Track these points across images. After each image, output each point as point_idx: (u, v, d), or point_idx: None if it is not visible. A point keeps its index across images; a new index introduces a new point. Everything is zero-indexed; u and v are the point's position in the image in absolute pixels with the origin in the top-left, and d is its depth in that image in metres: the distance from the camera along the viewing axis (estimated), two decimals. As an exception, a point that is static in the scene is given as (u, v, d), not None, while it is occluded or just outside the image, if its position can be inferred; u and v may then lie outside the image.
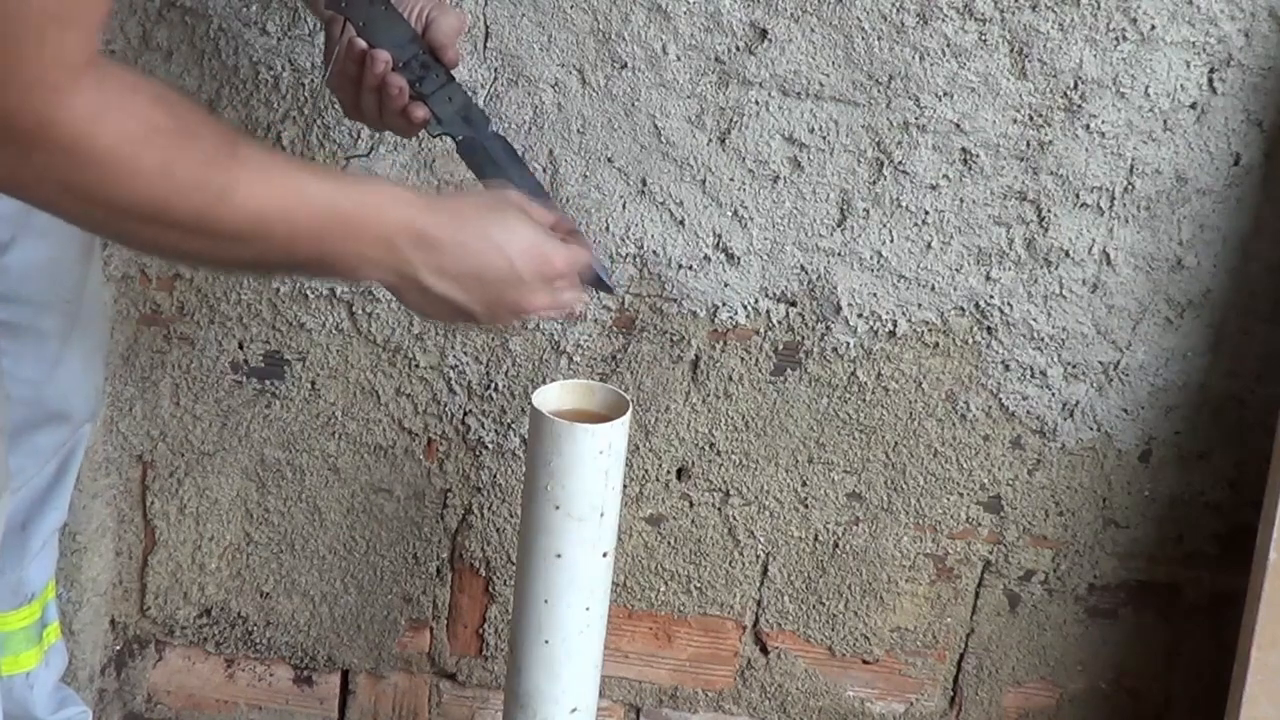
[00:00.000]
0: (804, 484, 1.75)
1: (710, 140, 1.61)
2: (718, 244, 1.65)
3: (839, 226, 1.64)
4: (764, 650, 1.84)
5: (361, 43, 1.33)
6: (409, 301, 1.17)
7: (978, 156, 1.60)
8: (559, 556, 1.47)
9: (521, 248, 1.19)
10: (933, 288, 1.66)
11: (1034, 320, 1.66)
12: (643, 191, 1.63)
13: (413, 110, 1.34)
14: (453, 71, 1.36)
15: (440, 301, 1.16)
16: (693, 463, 1.75)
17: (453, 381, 1.73)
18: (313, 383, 1.74)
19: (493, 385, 1.72)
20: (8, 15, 0.87)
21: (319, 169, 1.20)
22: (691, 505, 1.77)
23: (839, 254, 1.65)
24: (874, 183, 1.61)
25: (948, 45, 1.55)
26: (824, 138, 1.60)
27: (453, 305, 1.17)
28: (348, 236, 1.08)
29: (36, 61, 0.88)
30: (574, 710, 1.55)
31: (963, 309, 1.67)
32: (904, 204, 1.62)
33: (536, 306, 1.22)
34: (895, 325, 1.67)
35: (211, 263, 1.22)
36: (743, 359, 1.70)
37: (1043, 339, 1.67)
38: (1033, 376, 1.69)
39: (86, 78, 0.91)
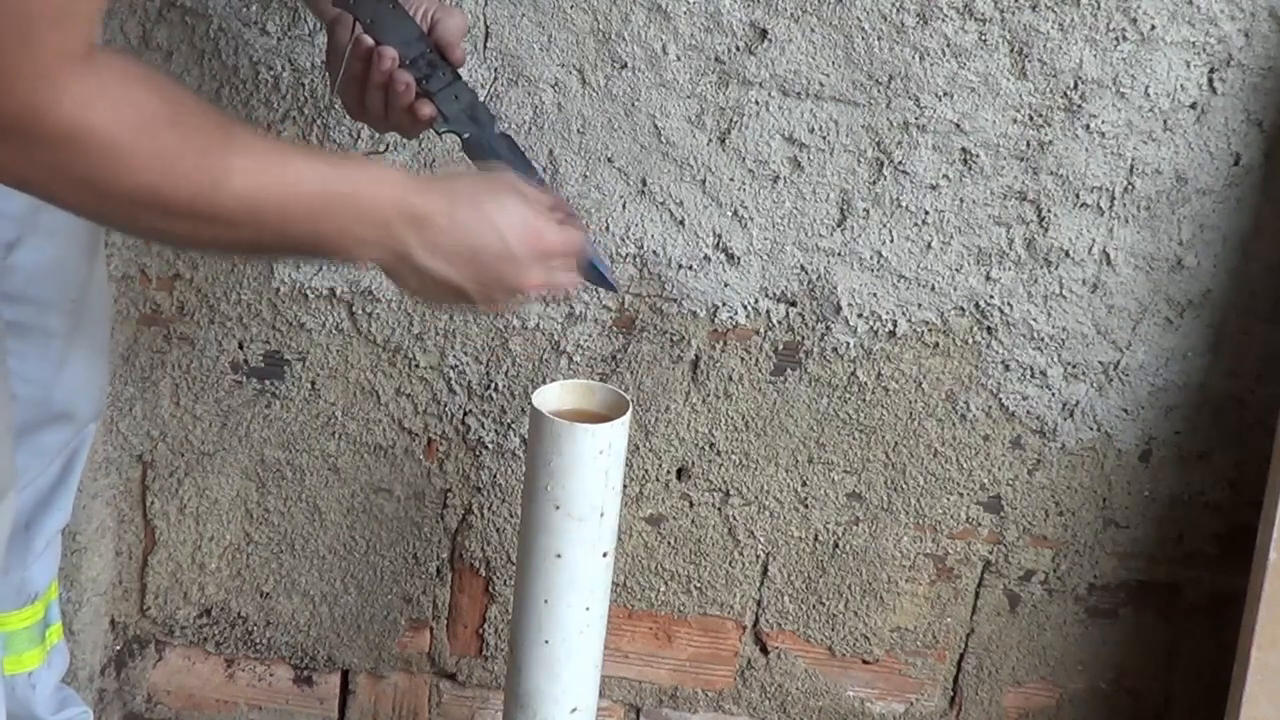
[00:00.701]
0: (804, 484, 1.75)
1: (710, 140, 1.61)
2: (718, 244, 1.65)
3: (839, 226, 1.64)
4: (764, 650, 1.84)
5: (368, 40, 1.33)
6: (404, 282, 1.17)
7: (978, 156, 1.60)
8: (559, 556, 1.47)
9: (515, 224, 1.19)
10: (933, 288, 1.66)
11: (1034, 320, 1.66)
12: (643, 191, 1.63)
13: (419, 107, 1.34)
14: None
15: (435, 281, 1.16)
16: (693, 463, 1.75)
17: (453, 381, 1.73)
18: (313, 383, 1.74)
19: (493, 385, 1.72)
20: (6, 11, 0.88)
21: (313, 151, 1.21)
22: (691, 505, 1.77)
23: (839, 254, 1.65)
24: (874, 183, 1.62)
25: (948, 45, 1.55)
26: (824, 138, 1.60)
27: (447, 285, 1.17)
28: (342, 217, 1.09)
29: (36, 56, 0.89)
30: (574, 710, 1.55)
31: (963, 309, 1.67)
32: (904, 204, 1.62)
33: (531, 284, 1.22)
34: (895, 325, 1.67)
35: (209, 247, 1.22)
36: (743, 359, 1.70)
37: (1043, 339, 1.67)
38: (1033, 376, 1.69)
39: (81, 67, 0.92)
